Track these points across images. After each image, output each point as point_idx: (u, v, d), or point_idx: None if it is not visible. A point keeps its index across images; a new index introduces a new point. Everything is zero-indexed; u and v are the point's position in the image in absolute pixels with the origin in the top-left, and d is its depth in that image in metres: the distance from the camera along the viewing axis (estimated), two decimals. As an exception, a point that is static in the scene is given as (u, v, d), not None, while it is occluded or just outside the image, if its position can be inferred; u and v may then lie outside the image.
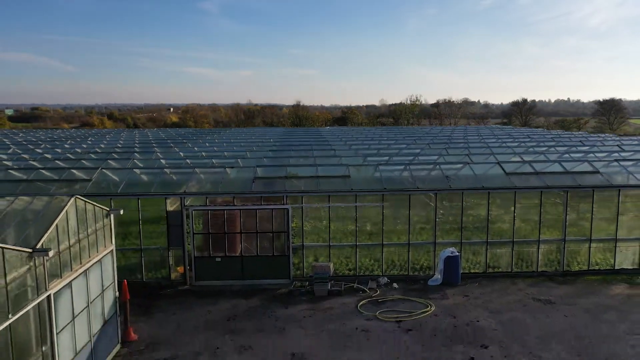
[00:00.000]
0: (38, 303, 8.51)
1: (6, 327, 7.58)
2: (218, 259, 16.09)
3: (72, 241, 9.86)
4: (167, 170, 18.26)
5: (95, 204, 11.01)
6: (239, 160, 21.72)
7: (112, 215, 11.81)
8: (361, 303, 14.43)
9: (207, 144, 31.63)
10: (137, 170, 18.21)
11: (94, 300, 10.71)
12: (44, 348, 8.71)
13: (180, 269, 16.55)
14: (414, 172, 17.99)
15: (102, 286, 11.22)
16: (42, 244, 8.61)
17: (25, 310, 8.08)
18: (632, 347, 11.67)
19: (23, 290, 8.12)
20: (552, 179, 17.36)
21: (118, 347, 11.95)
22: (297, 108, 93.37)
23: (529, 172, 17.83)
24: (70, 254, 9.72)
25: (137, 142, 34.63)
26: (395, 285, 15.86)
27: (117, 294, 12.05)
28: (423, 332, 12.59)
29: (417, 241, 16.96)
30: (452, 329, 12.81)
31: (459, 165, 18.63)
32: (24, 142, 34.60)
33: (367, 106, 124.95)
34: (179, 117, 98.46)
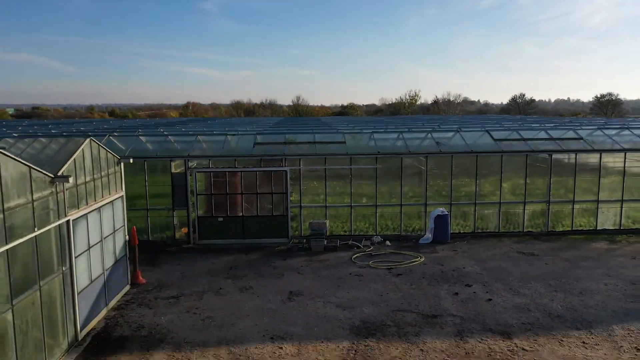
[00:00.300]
0: (59, 225, 9.39)
1: (32, 238, 8.45)
2: (220, 219, 16.99)
3: (88, 178, 10.75)
4: (171, 139, 19.15)
5: (108, 149, 11.91)
6: (239, 132, 22.58)
7: (122, 164, 12.71)
8: (355, 256, 15.34)
9: (208, 126, 32.51)
10: (143, 138, 19.10)
11: (106, 237, 11.61)
12: (64, 268, 9.59)
13: (185, 229, 17.43)
14: (407, 140, 18.86)
15: (114, 227, 12.11)
16: (62, 172, 9.51)
17: (48, 228, 8.95)
18: (604, 285, 12.56)
19: (46, 211, 9.00)
20: (538, 144, 18.24)
21: (128, 287, 12.86)
22: (297, 105, 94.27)
23: (516, 138, 18.72)
24: (85, 189, 10.61)
25: (140, 124, 35.55)
26: (388, 243, 16.75)
27: (127, 237, 12.96)
28: (412, 276, 13.50)
29: (409, 202, 17.82)
30: (439, 273, 13.71)
31: (450, 134, 19.51)
32: (29, 125, 35.51)
33: (366, 105, 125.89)
34: (180, 112, 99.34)
